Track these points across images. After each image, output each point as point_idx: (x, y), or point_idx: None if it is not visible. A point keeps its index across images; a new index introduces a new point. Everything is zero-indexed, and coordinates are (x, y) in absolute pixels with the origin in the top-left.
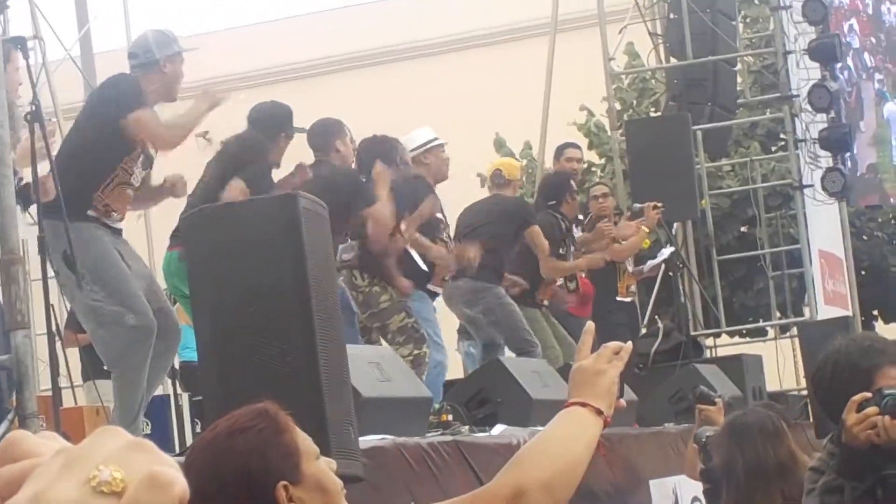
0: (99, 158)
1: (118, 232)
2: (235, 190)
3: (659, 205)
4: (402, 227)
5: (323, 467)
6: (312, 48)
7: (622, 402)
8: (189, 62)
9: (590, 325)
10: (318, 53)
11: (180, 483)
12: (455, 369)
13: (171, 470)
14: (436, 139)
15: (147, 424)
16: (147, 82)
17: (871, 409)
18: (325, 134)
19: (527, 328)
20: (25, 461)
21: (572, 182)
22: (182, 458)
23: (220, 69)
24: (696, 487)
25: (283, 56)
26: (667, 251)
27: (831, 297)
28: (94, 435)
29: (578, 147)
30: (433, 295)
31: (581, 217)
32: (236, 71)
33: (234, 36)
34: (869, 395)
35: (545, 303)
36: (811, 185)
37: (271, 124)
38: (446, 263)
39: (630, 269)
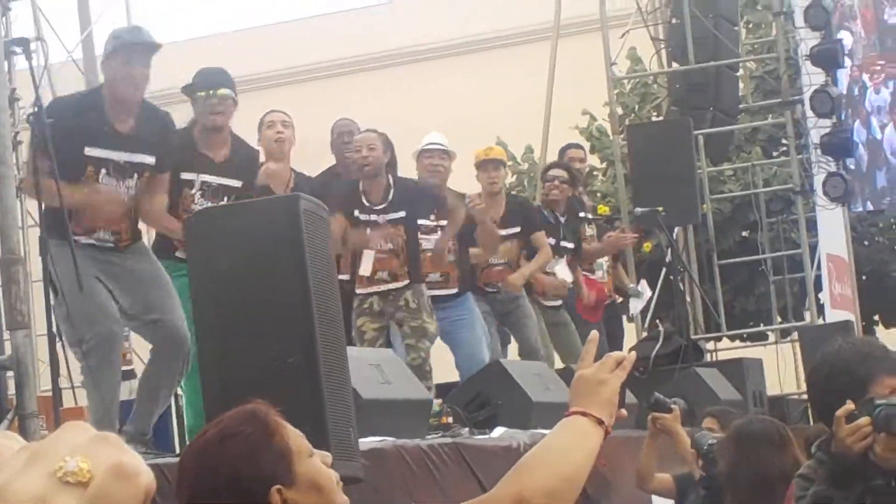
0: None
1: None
2: None
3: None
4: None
5: (316, 464)
6: (315, 51)
7: (623, 412)
8: (194, 64)
9: (594, 334)
10: (321, 57)
11: (146, 473)
12: (447, 373)
13: (137, 461)
14: (425, 144)
15: None
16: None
17: (864, 420)
18: None
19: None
20: None
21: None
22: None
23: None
24: None
25: (286, 59)
26: (640, 302)
27: (838, 300)
28: (59, 430)
29: (581, 147)
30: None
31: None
32: (239, 73)
33: (237, 39)
34: (852, 407)
35: (546, 301)
36: (813, 191)
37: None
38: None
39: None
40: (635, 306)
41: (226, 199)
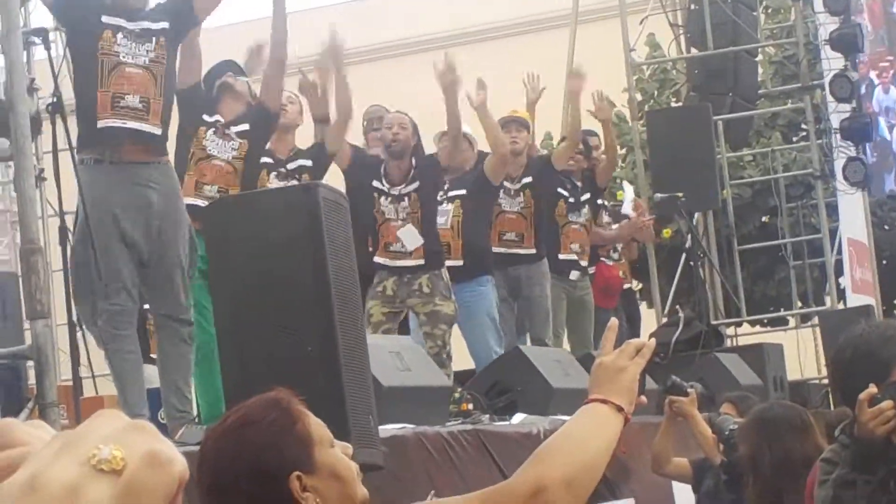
0: None
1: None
2: None
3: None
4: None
5: (337, 454)
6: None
7: (643, 398)
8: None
9: (613, 321)
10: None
11: (180, 462)
12: (466, 360)
13: (171, 449)
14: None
15: None
16: None
17: (887, 404)
18: None
19: None
20: (15, 449)
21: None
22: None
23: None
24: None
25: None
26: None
27: (859, 285)
28: (92, 417)
29: (597, 134)
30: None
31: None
32: None
33: (260, 27)
34: (875, 390)
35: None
36: (833, 176)
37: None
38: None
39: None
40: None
41: (238, 142)
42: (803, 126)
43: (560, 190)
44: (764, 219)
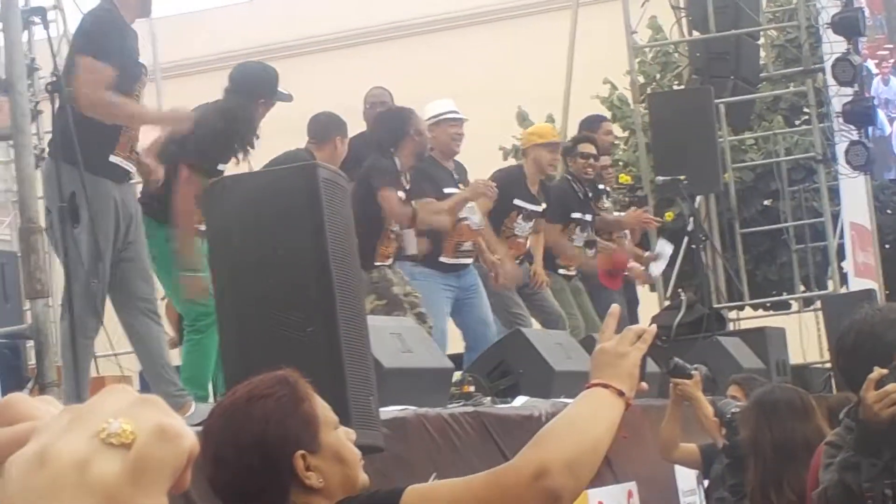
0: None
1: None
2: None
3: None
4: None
5: (341, 437)
6: (335, 21)
7: (644, 385)
8: (206, 35)
9: (615, 307)
10: (341, 26)
11: (190, 436)
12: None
13: (180, 423)
14: (446, 112)
15: None
16: None
17: (892, 386)
18: (327, 127)
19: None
20: (24, 423)
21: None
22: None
23: (235, 43)
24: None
25: (306, 29)
26: (666, 250)
27: (861, 269)
28: (102, 392)
29: (607, 120)
30: (452, 267)
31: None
32: (253, 44)
33: (253, 9)
34: (885, 371)
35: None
36: (835, 159)
37: (249, 88)
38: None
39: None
40: (657, 267)
41: None
42: (805, 109)
43: (574, 215)
44: (766, 202)
